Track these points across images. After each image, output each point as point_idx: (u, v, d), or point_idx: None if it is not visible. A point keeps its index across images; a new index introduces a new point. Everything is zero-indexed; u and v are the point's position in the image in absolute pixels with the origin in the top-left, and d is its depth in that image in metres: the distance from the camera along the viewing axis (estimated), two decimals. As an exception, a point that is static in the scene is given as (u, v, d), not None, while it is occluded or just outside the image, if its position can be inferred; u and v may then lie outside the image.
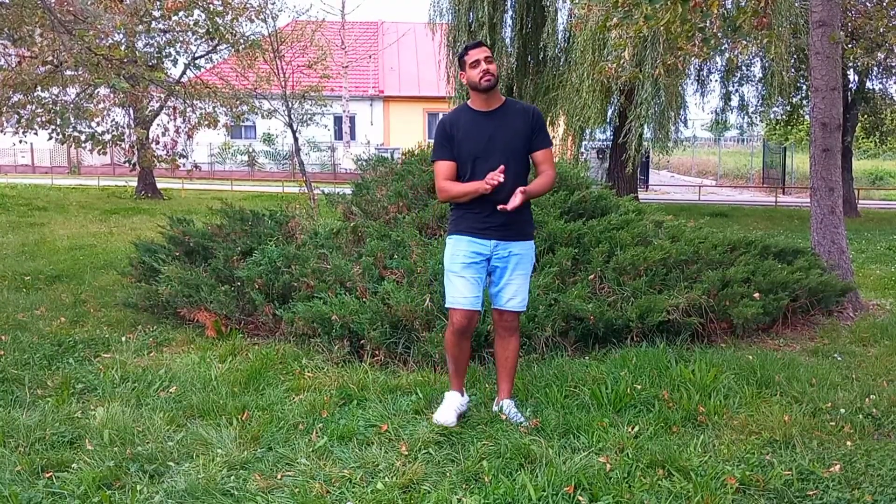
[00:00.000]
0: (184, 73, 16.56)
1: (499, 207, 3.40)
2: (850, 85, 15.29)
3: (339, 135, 30.04)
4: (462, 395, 3.72)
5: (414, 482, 3.01)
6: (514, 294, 3.59)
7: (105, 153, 11.90)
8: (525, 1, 14.76)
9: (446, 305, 3.63)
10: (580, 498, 2.87)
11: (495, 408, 3.71)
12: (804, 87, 15.43)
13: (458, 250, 3.55)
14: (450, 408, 3.60)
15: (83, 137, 9.75)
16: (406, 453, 3.26)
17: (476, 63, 3.49)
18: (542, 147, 3.60)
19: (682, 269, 5.21)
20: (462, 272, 3.52)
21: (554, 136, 16.02)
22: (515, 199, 3.38)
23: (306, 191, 12.83)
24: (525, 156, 3.59)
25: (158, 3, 10.39)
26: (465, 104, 3.68)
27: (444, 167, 3.57)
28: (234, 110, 15.31)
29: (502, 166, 3.38)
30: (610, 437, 3.37)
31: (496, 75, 3.50)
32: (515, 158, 3.53)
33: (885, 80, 16.19)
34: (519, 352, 3.83)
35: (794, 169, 26.31)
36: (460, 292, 3.52)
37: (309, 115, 21.41)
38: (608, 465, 3.10)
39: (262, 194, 19.88)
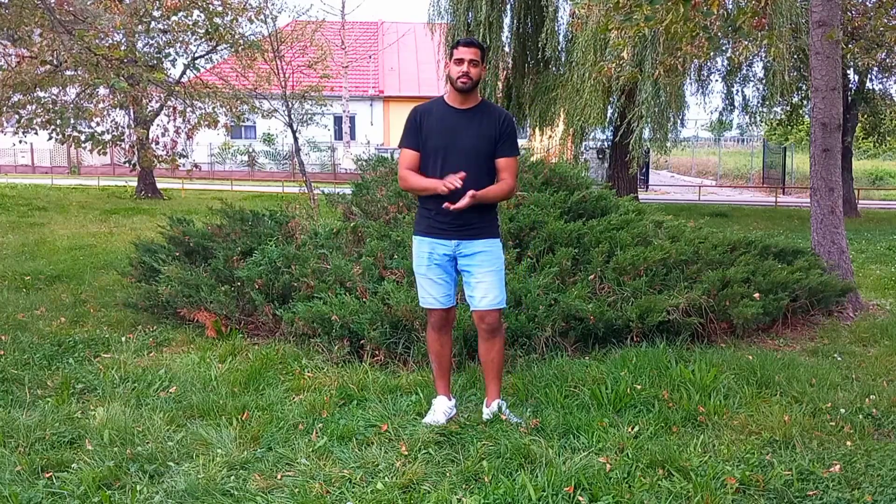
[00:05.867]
0: (183, 73, 16.57)
1: (444, 205, 3.39)
2: (850, 85, 15.28)
3: (339, 135, 30.04)
4: (449, 400, 3.71)
5: (414, 482, 3.01)
6: (486, 292, 3.53)
7: (105, 153, 11.89)
8: (524, 1, 14.76)
9: (420, 305, 3.71)
10: (580, 498, 2.87)
11: (486, 410, 3.66)
12: (804, 87, 15.43)
13: (422, 251, 3.57)
14: (438, 411, 3.63)
15: (83, 137, 9.75)
16: (406, 453, 3.26)
17: (460, 61, 3.45)
18: (506, 155, 3.53)
19: (682, 269, 5.21)
20: (428, 273, 3.57)
21: (553, 136, 16.04)
22: (463, 201, 3.34)
23: (306, 191, 12.83)
24: (489, 159, 3.52)
25: (157, 2, 10.40)
26: (441, 97, 3.64)
27: (408, 156, 3.56)
28: (234, 110, 15.32)
29: (462, 172, 3.35)
30: (610, 437, 3.37)
31: (475, 80, 3.46)
32: (478, 160, 3.49)
33: (885, 80, 16.19)
34: (504, 351, 3.80)
35: (794, 169, 26.31)
36: (430, 293, 3.59)
37: (309, 115, 21.45)
38: (608, 465, 3.10)
39: (262, 194, 19.88)
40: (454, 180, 3.31)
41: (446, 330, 3.70)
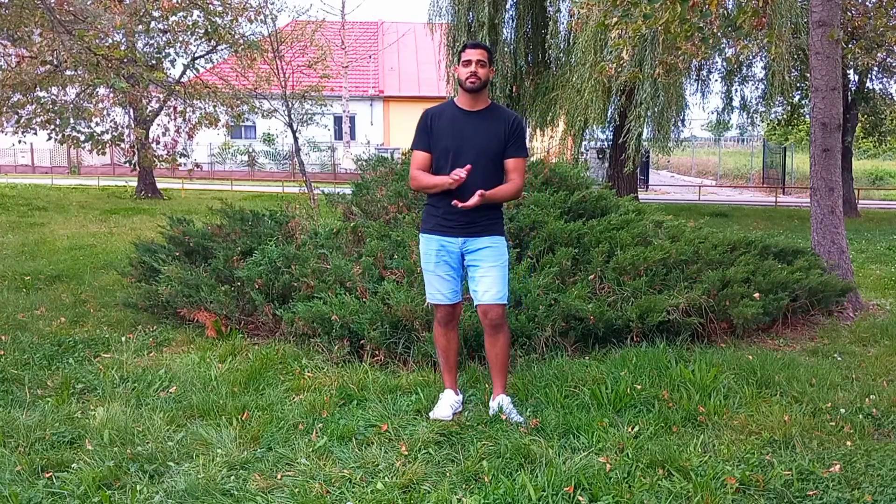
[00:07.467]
0: (183, 73, 16.56)
1: (453, 202, 3.48)
2: (850, 85, 15.29)
3: (339, 135, 30.04)
4: (456, 394, 3.80)
5: (414, 482, 3.01)
6: (489, 286, 3.60)
7: (104, 153, 11.88)
8: (526, 2, 14.75)
9: (427, 300, 3.81)
10: (580, 498, 2.87)
11: (492, 404, 3.71)
12: (804, 87, 15.43)
13: (430, 249, 3.67)
14: (445, 404, 3.71)
15: (82, 137, 9.74)
16: (406, 453, 3.26)
17: (468, 63, 3.56)
18: (515, 156, 3.64)
19: (682, 269, 5.21)
20: (436, 270, 3.67)
21: (553, 137, 16.03)
22: (473, 199, 3.45)
23: (306, 191, 12.83)
24: (499, 161, 3.63)
25: (157, 3, 10.39)
26: (451, 100, 3.74)
27: (419, 157, 3.67)
28: (234, 110, 15.31)
29: (469, 165, 3.45)
30: (610, 437, 3.37)
31: (483, 80, 3.57)
32: (487, 161, 3.58)
33: (885, 80, 16.19)
34: (510, 347, 3.89)
35: (794, 169, 26.31)
36: (437, 289, 3.70)
37: (309, 115, 21.42)
38: (608, 465, 3.10)
39: (262, 194, 19.88)
40: (460, 172, 3.42)
41: (452, 325, 3.80)
